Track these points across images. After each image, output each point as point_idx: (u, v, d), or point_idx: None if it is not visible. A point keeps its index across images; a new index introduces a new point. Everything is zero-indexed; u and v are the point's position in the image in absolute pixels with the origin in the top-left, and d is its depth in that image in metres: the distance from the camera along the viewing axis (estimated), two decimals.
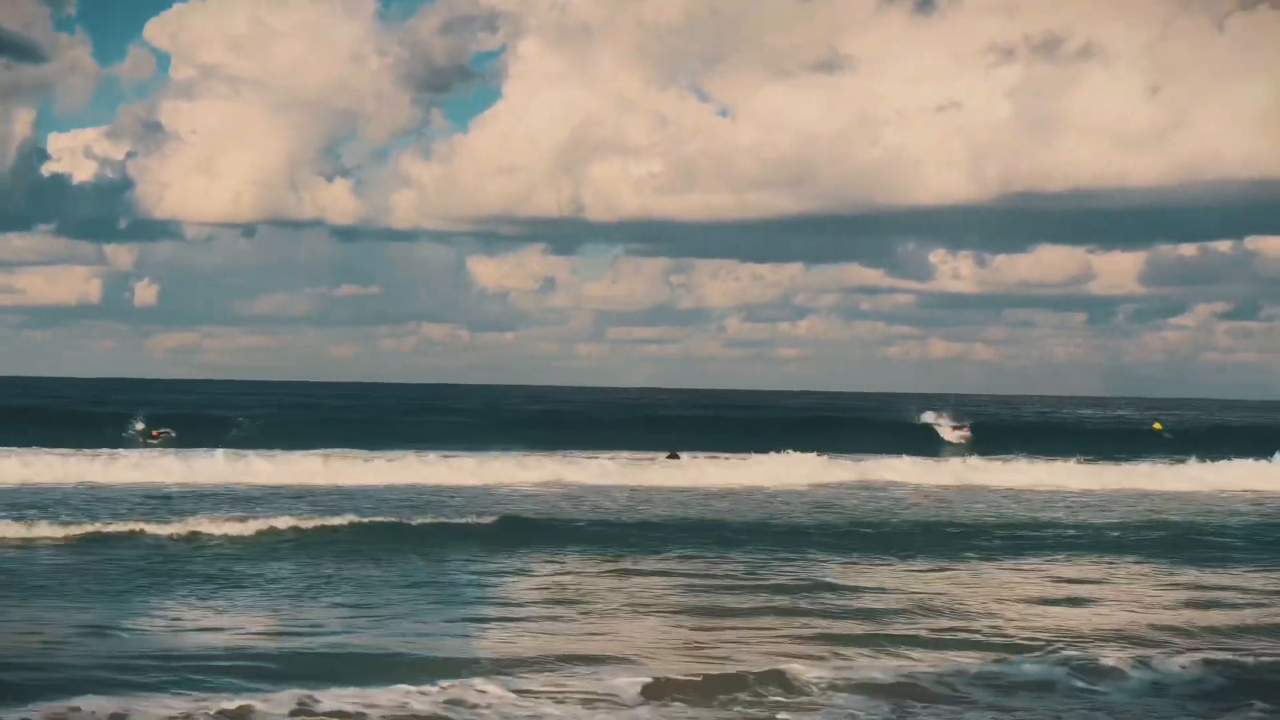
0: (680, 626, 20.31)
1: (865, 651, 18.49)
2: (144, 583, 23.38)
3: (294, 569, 25.10)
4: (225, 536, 28.94)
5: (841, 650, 18.52)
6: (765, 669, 16.63)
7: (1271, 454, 57.50)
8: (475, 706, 14.97)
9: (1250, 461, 55.08)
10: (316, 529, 30.20)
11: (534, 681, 16.04)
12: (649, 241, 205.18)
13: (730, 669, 16.85)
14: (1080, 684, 16.70)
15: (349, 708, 14.68)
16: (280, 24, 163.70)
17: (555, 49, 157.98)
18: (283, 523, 30.51)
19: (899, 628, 20.42)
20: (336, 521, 31.17)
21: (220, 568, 25.07)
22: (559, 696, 15.34)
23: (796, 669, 16.61)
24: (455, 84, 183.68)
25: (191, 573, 24.48)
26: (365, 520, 31.82)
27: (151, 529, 29.34)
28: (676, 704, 15.31)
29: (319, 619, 20.31)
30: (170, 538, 28.60)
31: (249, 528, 29.80)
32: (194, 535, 28.92)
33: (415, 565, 25.92)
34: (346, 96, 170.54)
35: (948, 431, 78.63)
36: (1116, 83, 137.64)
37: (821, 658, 17.83)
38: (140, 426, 68.24)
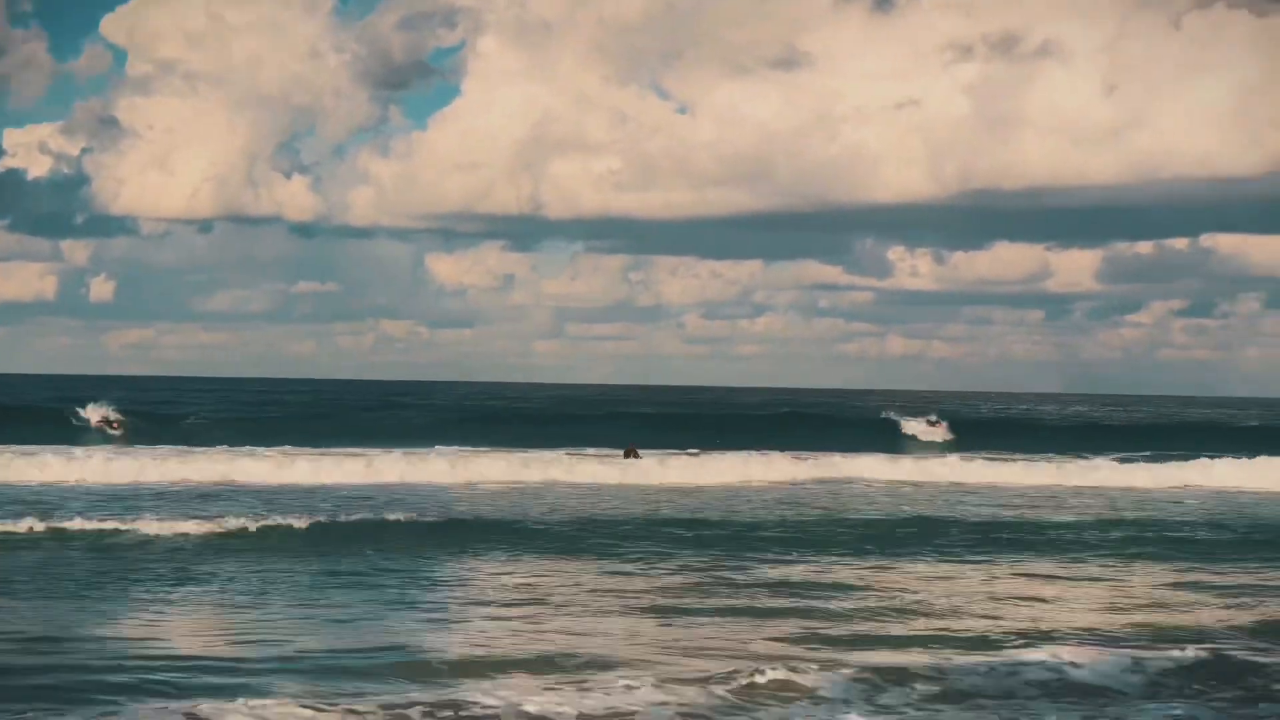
0: (658, 625, 19.99)
1: (840, 647, 18.31)
2: (97, 582, 22.85)
3: (254, 569, 24.62)
4: (182, 535, 28.39)
5: (818, 646, 18.36)
6: (750, 663, 16.50)
7: (1225, 450, 57.67)
8: (476, 703, 14.62)
9: (1208, 459, 55.22)
10: (275, 527, 29.75)
11: (526, 681, 15.77)
12: (608, 238, 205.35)
13: (716, 665, 16.72)
14: (1051, 672, 16.62)
15: (348, 706, 14.32)
16: (238, 20, 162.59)
17: (515, 46, 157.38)
18: (240, 521, 30.04)
19: (870, 624, 20.24)
20: (294, 521, 30.69)
21: (177, 567, 24.57)
22: (553, 695, 15.00)
23: (784, 663, 16.50)
24: (414, 80, 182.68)
25: (148, 572, 23.95)
26: (324, 519, 31.38)
27: (105, 527, 28.79)
28: (668, 700, 15.06)
29: (285, 621, 19.82)
30: (124, 535, 28.04)
31: (206, 526, 29.31)
32: (148, 534, 28.31)
33: (378, 565, 25.49)
34: (304, 93, 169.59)
35: (921, 428, 78.18)
36: (1074, 81, 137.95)
37: (801, 653, 17.64)
38: (102, 415, 67.65)
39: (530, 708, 14.36)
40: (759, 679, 15.65)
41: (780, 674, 15.85)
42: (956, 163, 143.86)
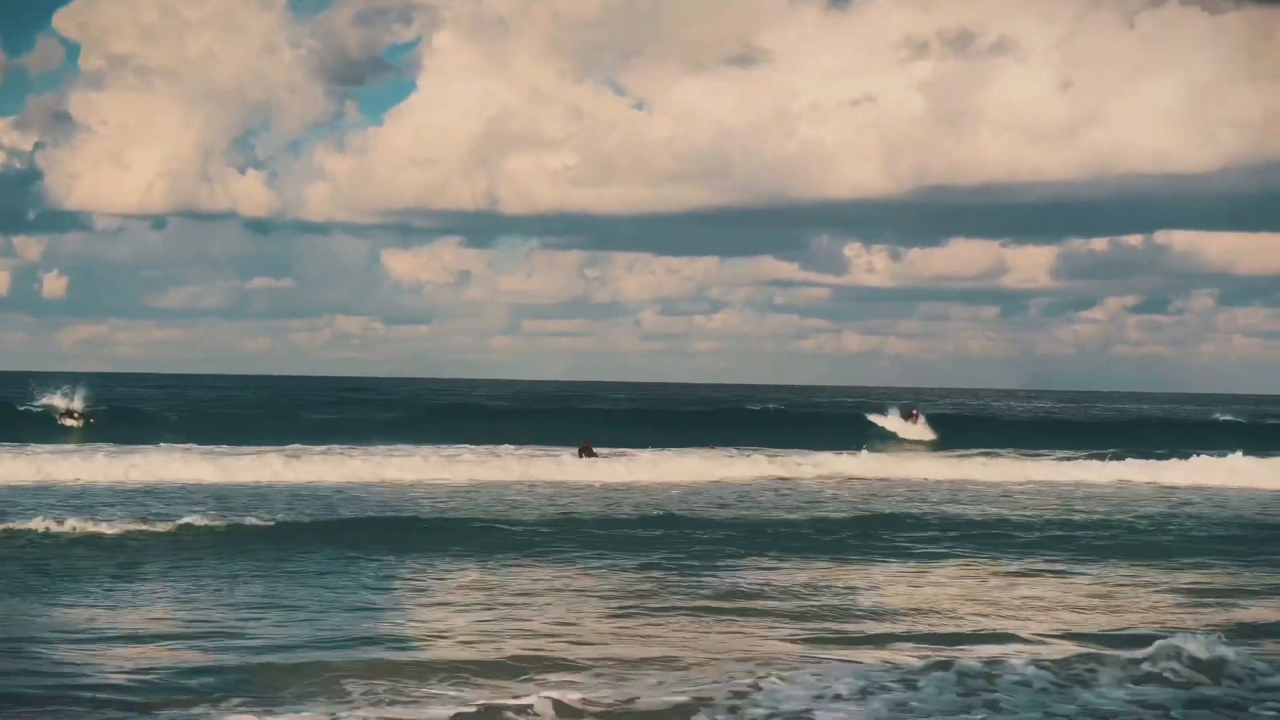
0: (639, 623, 19.61)
1: (828, 643, 18.20)
2: (49, 584, 22.14)
3: (213, 569, 23.94)
4: (137, 534, 27.70)
5: (803, 642, 18.25)
6: (741, 657, 16.63)
7: (1185, 448, 57.79)
8: (474, 698, 14.31)
9: (1168, 457, 55.39)
10: (232, 526, 29.12)
11: (519, 676, 15.56)
12: (564, 234, 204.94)
13: (705, 658, 16.72)
14: (1027, 667, 16.47)
15: (334, 707, 13.90)
16: (192, 14, 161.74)
17: (470, 41, 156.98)
18: (197, 520, 29.44)
19: (854, 621, 19.97)
20: (251, 519, 30.14)
21: (132, 567, 23.88)
22: (552, 689, 14.72)
23: (774, 657, 16.60)
24: (369, 76, 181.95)
25: (103, 573, 23.19)
26: (280, 518, 30.82)
27: (57, 526, 28.00)
28: (676, 688, 14.91)
29: (250, 622, 19.18)
30: (78, 535, 27.28)
31: (161, 525, 28.70)
32: (103, 533, 27.52)
33: (338, 564, 24.87)
34: (259, 88, 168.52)
35: (899, 424, 77.24)
36: (1029, 78, 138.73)
37: (788, 648, 17.54)
38: (63, 403, 66.87)
39: (533, 699, 14.03)
40: (753, 671, 15.61)
41: (770, 667, 15.91)
42: (912, 159, 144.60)
